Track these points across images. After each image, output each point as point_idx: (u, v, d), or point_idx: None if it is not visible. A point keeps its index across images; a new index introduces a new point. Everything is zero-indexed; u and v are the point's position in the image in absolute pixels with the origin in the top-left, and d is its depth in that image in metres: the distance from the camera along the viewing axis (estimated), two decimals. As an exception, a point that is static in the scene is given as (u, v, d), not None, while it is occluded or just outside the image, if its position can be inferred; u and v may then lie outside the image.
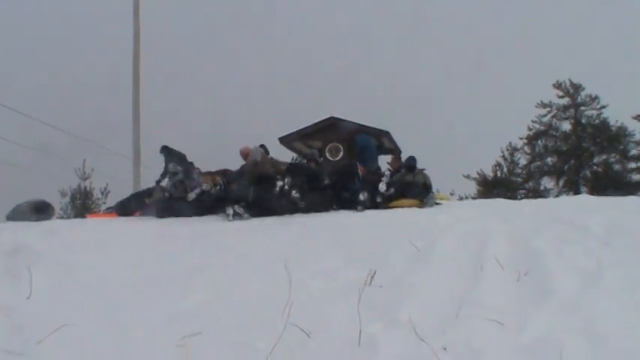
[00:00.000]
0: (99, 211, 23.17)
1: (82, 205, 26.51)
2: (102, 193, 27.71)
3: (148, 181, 17.79)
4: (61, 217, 19.67)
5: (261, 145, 12.91)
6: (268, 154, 12.90)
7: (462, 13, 63.13)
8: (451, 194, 25.54)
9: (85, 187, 27.57)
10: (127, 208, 12.85)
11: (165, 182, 11.86)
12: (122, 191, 20.83)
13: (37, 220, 11.08)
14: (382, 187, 10.88)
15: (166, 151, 12.48)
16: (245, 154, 12.49)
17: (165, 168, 12.17)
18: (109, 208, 14.94)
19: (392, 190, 11.14)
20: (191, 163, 12.44)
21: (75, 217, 20.68)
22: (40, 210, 12.27)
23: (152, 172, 13.67)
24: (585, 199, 11.53)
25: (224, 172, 12.63)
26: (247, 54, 60.73)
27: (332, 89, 54.85)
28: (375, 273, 5.87)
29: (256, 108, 55.77)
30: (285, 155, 14.05)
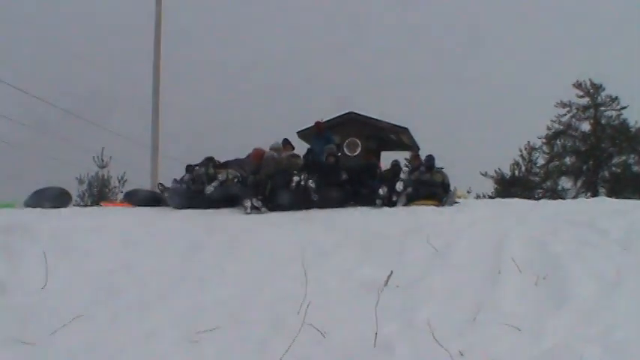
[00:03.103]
0: (115, 200, 23.30)
1: (99, 192, 26.61)
2: (119, 182, 27.79)
3: (165, 171, 17.84)
4: (78, 205, 19.73)
5: (285, 140, 12.76)
6: (293, 148, 12.77)
7: (480, 8, 62.47)
8: (468, 192, 25.33)
9: (103, 175, 27.63)
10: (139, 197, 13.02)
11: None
12: (140, 180, 20.91)
13: (53, 207, 11.21)
14: (399, 186, 10.80)
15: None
16: (257, 158, 12.06)
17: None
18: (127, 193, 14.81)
19: (409, 189, 11.07)
20: (211, 158, 12.48)
21: (91, 204, 20.79)
22: (58, 198, 12.44)
23: (170, 161, 13.62)
24: (604, 202, 11.39)
25: (238, 163, 12.60)
26: (268, 48, 60.14)
27: (352, 85, 54.44)
28: (392, 273, 5.84)
29: (276, 103, 55.52)
30: (303, 149, 13.86)
